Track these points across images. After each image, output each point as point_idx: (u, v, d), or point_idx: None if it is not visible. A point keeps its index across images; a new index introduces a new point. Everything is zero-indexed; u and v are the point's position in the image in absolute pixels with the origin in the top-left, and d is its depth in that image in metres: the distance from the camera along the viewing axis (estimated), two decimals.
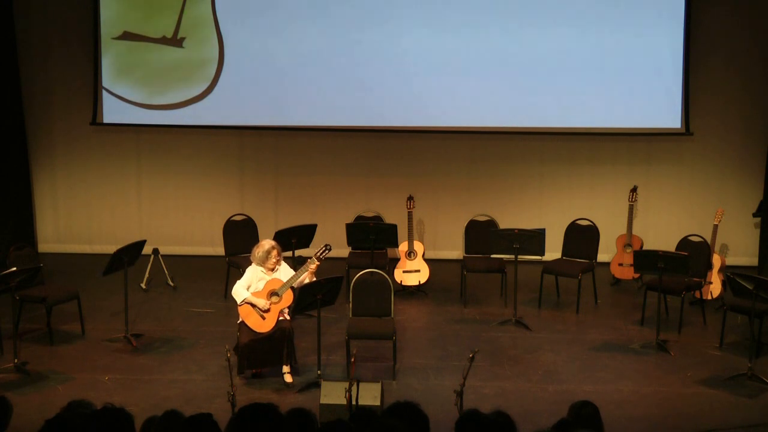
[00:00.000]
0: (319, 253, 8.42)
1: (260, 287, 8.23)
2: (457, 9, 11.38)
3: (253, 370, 8.34)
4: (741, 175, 11.73)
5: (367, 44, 11.51)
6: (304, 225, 10.54)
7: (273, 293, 8.17)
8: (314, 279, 8.25)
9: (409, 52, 11.48)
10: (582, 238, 10.55)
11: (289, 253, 9.91)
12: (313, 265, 8.27)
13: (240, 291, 8.22)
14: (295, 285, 8.23)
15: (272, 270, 8.31)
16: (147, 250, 10.12)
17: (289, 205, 12.10)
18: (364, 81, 11.58)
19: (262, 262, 8.30)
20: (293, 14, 11.54)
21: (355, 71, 11.56)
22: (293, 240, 10.19)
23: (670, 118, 11.46)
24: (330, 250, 8.53)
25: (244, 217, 10.90)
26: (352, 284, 8.75)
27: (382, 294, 8.67)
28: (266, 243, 8.38)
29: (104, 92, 11.85)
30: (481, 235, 10.49)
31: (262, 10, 11.57)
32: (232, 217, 10.87)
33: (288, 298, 8.18)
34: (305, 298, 8.13)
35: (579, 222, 10.68)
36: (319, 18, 11.51)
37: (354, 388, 6.57)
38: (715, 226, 10.31)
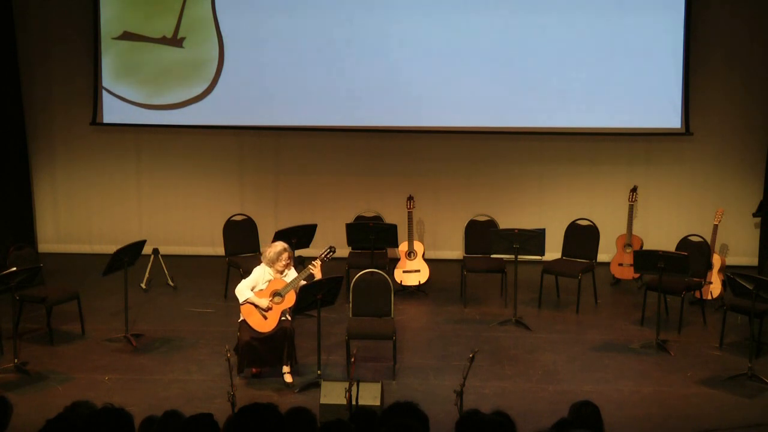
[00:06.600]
0: (323, 255, 8.42)
1: (264, 287, 8.23)
2: (458, 10, 11.39)
3: (254, 370, 8.34)
4: (741, 175, 11.72)
5: (367, 44, 11.50)
6: (304, 225, 10.52)
7: (276, 293, 8.17)
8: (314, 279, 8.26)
9: (410, 52, 11.47)
10: (582, 238, 10.55)
11: None
12: (313, 263, 8.27)
13: (243, 291, 8.23)
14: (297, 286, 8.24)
15: (281, 273, 8.29)
16: (147, 250, 10.11)
17: (289, 205, 12.10)
18: (364, 81, 11.56)
19: (272, 263, 8.27)
20: (293, 15, 11.53)
21: (355, 71, 11.56)
22: (293, 240, 10.16)
23: (670, 118, 11.46)
24: (334, 252, 8.54)
25: (244, 217, 10.90)
26: (352, 284, 8.75)
27: (382, 294, 8.66)
28: (278, 244, 8.35)
29: (104, 92, 11.85)
30: (481, 235, 10.48)
31: (261, 10, 11.57)
32: (232, 217, 10.87)
33: (290, 298, 8.17)
34: (305, 299, 8.13)
35: (579, 222, 10.68)
36: (319, 18, 11.51)
37: (354, 388, 6.57)
38: (715, 226, 10.31)
